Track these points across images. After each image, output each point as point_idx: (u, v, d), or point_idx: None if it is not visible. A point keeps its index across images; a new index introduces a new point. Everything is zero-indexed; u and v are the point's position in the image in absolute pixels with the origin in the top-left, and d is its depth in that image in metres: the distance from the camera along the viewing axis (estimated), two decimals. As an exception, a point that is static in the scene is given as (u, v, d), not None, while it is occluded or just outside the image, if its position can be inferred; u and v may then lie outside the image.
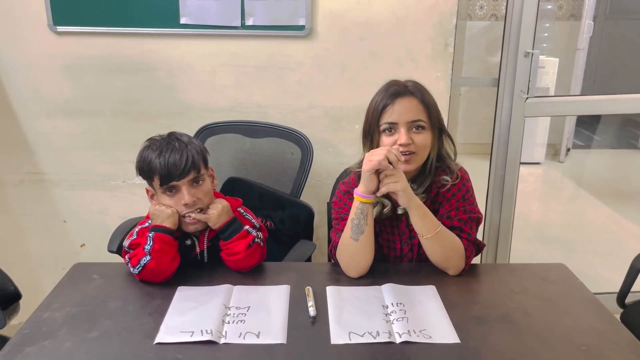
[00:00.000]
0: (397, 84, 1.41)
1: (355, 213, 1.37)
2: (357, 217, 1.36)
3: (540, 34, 4.46)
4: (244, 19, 2.03)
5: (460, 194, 1.43)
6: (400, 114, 1.36)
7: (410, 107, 1.37)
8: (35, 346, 1.10)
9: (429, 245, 1.38)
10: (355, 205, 1.37)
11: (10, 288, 1.51)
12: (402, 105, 1.37)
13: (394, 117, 1.37)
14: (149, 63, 2.09)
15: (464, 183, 1.45)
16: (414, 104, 1.38)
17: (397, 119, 1.36)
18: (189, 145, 1.39)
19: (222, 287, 1.32)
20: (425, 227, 1.36)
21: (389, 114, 1.37)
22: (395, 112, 1.37)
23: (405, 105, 1.37)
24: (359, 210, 1.36)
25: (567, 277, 1.41)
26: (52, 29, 2.02)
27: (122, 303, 1.26)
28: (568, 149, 4.85)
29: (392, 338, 1.12)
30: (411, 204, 1.35)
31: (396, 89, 1.39)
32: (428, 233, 1.36)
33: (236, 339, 1.12)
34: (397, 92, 1.38)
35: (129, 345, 1.11)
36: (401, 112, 1.36)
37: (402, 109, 1.37)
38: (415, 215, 1.36)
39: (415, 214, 1.36)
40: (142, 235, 1.39)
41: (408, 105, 1.37)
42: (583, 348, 1.11)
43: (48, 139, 2.18)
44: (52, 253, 2.35)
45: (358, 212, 1.36)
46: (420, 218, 1.36)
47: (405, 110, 1.37)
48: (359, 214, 1.36)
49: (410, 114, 1.37)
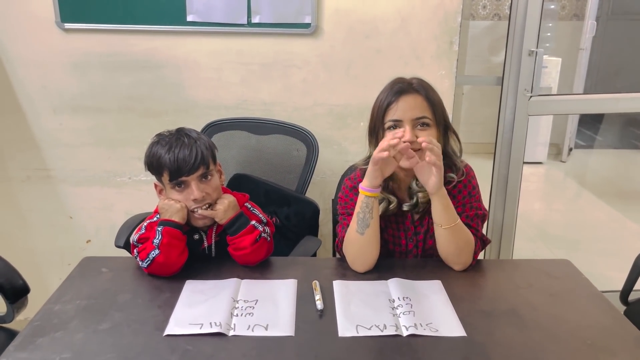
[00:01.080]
0: (402, 81, 1.42)
1: (360, 207, 1.38)
2: (363, 211, 1.37)
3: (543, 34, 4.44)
4: (250, 17, 2.04)
5: (467, 190, 1.44)
6: (405, 111, 1.37)
7: (415, 105, 1.38)
8: (47, 337, 1.11)
9: (445, 237, 1.38)
10: (360, 199, 1.38)
11: (19, 282, 1.51)
12: (407, 103, 1.37)
13: (399, 114, 1.37)
14: (156, 60, 2.10)
15: (469, 180, 1.46)
16: (418, 101, 1.38)
17: (401, 116, 1.37)
18: (198, 141, 1.41)
19: (230, 281, 1.33)
20: (446, 217, 1.36)
21: (393, 111, 1.38)
22: (399, 109, 1.37)
23: (409, 102, 1.38)
24: (364, 204, 1.37)
25: (572, 272, 1.42)
26: (60, 26, 2.04)
27: (132, 296, 1.28)
28: (570, 148, 4.86)
29: (399, 331, 1.14)
30: (439, 190, 1.35)
31: (401, 86, 1.40)
32: (447, 224, 1.36)
33: (245, 331, 1.14)
34: (402, 89, 1.39)
35: (140, 336, 1.12)
36: (405, 109, 1.37)
37: (406, 106, 1.37)
38: (439, 203, 1.36)
39: (439, 203, 1.36)
40: (150, 230, 1.41)
41: (412, 102, 1.38)
42: (588, 342, 1.12)
43: (55, 135, 2.19)
44: (58, 249, 2.37)
45: (363, 206, 1.37)
46: (444, 207, 1.36)
47: (410, 108, 1.37)
48: (365, 208, 1.37)
49: (414, 111, 1.37)
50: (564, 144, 4.80)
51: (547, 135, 4.65)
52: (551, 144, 4.74)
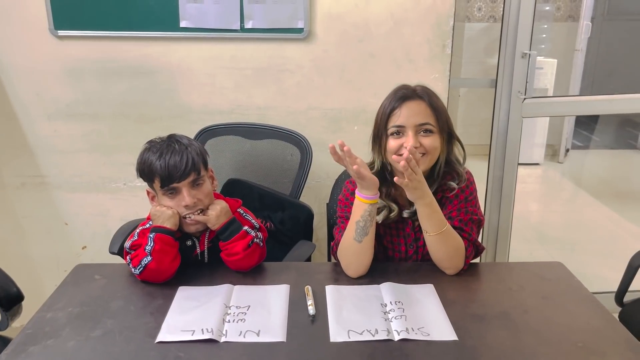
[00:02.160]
0: (406, 88, 1.42)
1: (362, 215, 1.36)
2: (364, 219, 1.36)
3: (538, 35, 4.49)
4: (243, 22, 2.04)
5: (464, 195, 1.44)
6: (408, 117, 1.37)
7: (418, 111, 1.38)
8: (39, 345, 1.11)
9: (433, 243, 1.38)
10: (361, 207, 1.36)
11: (13, 290, 1.52)
12: (410, 109, 1.38)
13: (402, 120, 1.38)
14: (150, 66, 2.11)
15: (468, 186, 1.46)
16: (422, 107, 1.39)
17: (404, 122, 1.37)
18: (189, 147, 1.41)
19: (223, 287, 1.33)
20: (431, 225, 1.36)
21: (396, 117, 1.38)
22: (403, 115, 1.38)
23: (413, 108, 1.38)
24: (366, 212, 1.35)
25: (564, 275, 1.43)
26: (53, 33, 2.04)
27: (124, 303, 1.28)
28: (567, 149, 4.87)
29: (391, 335, 1.14)
30: (419, 200, 1.34)
31: (404, 92, 1.40)
32: (434, 231, 1.36)
33: (236, 337, 1.14)
34: (405, 95, 1.39)
35: (132, 344, 1.12)
36: (409, 115, 1.37)
37: (409, 113, 1.38)
38: (423, 211, 1.36)
39: (423, 211, 1.36)
40: (143, 236, 1.41)
41: (416, 108, 1.38)
42: (580, 344, 1.12)
43: (49, 141, 2.20)
44: (53, 255, 2.37)
45: (365, 214, 1.36)
46: (428, 215, 1.35)
47: (413, 114, 1.38)
48: (366, 216, 1.36)
49: (418, 117, 1.38)
50: (561, 145, 4.80)
51: (544, 136, 4.66)
52: (548, 145, 4.75)
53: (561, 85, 4.50)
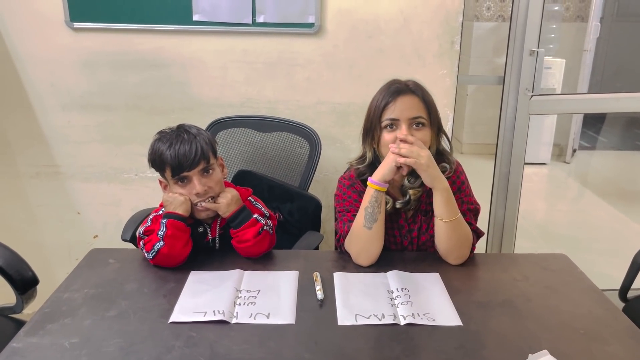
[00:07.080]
0: (398, 82, 1.46)
1: (369, 201, 1.40)
2: (372, 205, 1.40)
3: (547, 35, 4.49)
4: (255, 17, 2.08)
5: (456, 186, 1.48)
6: (402, 110, 1.41)
7: (412, 105, 1.42)
8: (57, 323, 1.15)
9: (446, 230, 1.41)
10: (369, 194, 1.41)
11: (28, 273, 1.55)
12: (404, 103, 1.42)
13: (396, 113, 1.41)
14: (162, 59, 2.15)
15: (457, 175, 1.50)
16: (415, 101, 1.43)
17: (398, 116, 1.41)
18: (198, 136, 1.44)
19: (233, 272, 1.37)
20: (446, 211, 1.40)
21: (390, 111, 1.42)
22: (397, 108, 1.41)
23: (406, 102, 1.42)
24: (373, 198, 1.40)
25: (567, 266, 1.45)
26: (69, 25, 2.09)
27: (138, 285, 1.32)
28: (574, 149, 4.87)
29: (397, 320, 1.17)
30: (437, 184, 1.39)
31: (398, 87, 1.44)
32: (448, 218, 1.40)
33: (247, 319, 1.17)
34: (399, 90, 1.43)
35: (146, 323, 1.16)
36: (403, 109, 1.41)
37: (403, 106, 1.41)
38: (440, 197, 1.40)
39: (440, 196, 1.40)
40: (156, 222, 1.44)
41: (409, 102, 1.42)
42: (581, 332, 1.15)
43: (63, 132, 2.24)
44: (66, 244, 2.41)
45: (373, 200, 1.40)
46: (444, 201, 1.39)
47: (407, 107, 1.41)
48: (374, 202, 1.40)
49: (411, 110, 1.41)
50: (568, 145, 4.81)
51: (551, 136, 4.66)
52: (555, 145, 4.75)
53: (569, 85, 4.50)
